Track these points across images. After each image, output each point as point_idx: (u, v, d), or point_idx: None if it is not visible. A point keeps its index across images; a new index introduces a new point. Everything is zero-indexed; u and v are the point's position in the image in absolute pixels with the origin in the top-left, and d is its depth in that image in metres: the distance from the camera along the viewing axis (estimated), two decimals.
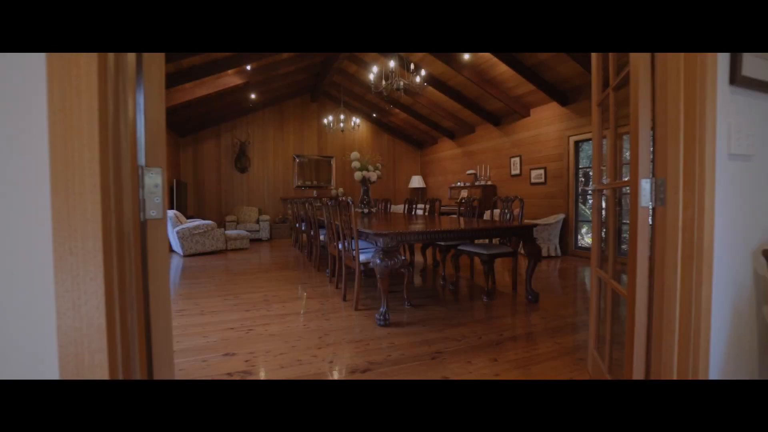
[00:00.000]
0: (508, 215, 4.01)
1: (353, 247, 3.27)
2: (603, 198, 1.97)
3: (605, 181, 1.87)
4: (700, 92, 1.12)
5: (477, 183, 8.35)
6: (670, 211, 1.22)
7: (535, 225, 3.58)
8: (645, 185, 1.30)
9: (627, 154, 5.25)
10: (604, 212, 1.99)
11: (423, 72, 6.06)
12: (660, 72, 1.24)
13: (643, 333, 1.35)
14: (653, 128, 1.31)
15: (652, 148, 1.33)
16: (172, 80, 5.49)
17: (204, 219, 8.48)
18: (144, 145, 0.72)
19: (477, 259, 5.19)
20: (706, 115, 1.12)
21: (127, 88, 0.62)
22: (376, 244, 3.02)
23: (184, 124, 8.01)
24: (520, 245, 5.86)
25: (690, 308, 1.17)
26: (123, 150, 0.60)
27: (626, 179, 1.44)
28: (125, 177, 0.61)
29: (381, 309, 2.90)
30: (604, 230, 2.03)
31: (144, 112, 0.71)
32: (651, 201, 1.30)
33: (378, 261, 2.87)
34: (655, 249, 1.32)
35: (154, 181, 0.72)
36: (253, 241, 8.51)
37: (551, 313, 3.16)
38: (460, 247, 3.81)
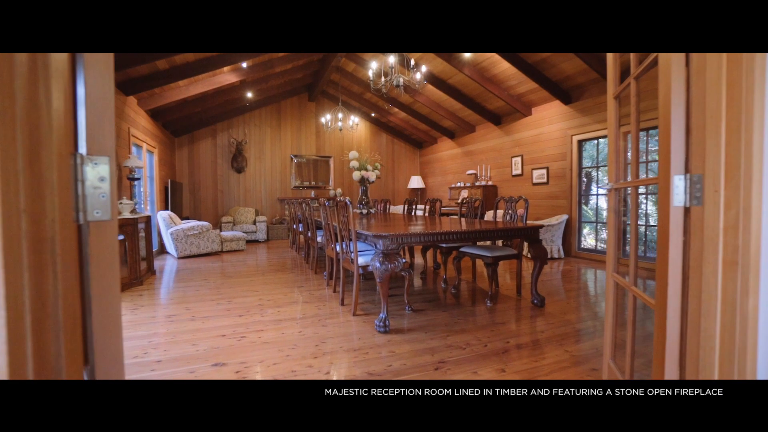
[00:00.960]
0: (512, 216, 3.87)
1: (351, 250, 3.12)
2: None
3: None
4: (747, 74, 0.98)
5: (477, 183, 8.21)
6: (708, 212, 1.08)
7: (541, 226, 3.44)
8: (678, 182, 1.16)
9: (629, 153, 5.12)
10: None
11: (423, 69, 5.92)
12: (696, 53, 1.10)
13: (675, 348, 1.21)
14: (687, 118, 1.17)
15: (684, 141, 1.19)
16: (166, 77, 5.33)
17: (200, 220, 8.31)
18: (85, 126, 0.56)
19: (479, 262, 5.05)
20: (754, 101, 0.98)
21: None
22: (376, 247, 2.87)
23: (179, 123, 7.85)
24: (524, 247, 5.74)
25: (734, 321, 1.03)
26: (43, 129, 0.45)
27: (639, 178, 1.30)
28: (47, 166, 0.47)
29: (381, 314, 2.75)
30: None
31: (84, 84, 0.55)
32: (685, 200, 1.15)
33: (378, 264, 2.72)
34: (688, 254, 1.17)
35: (99, 173, 0.57)
36: (250, 242, 8.36)
37: (558, 319, 3.02)
38: (462, 249, 3.66)
